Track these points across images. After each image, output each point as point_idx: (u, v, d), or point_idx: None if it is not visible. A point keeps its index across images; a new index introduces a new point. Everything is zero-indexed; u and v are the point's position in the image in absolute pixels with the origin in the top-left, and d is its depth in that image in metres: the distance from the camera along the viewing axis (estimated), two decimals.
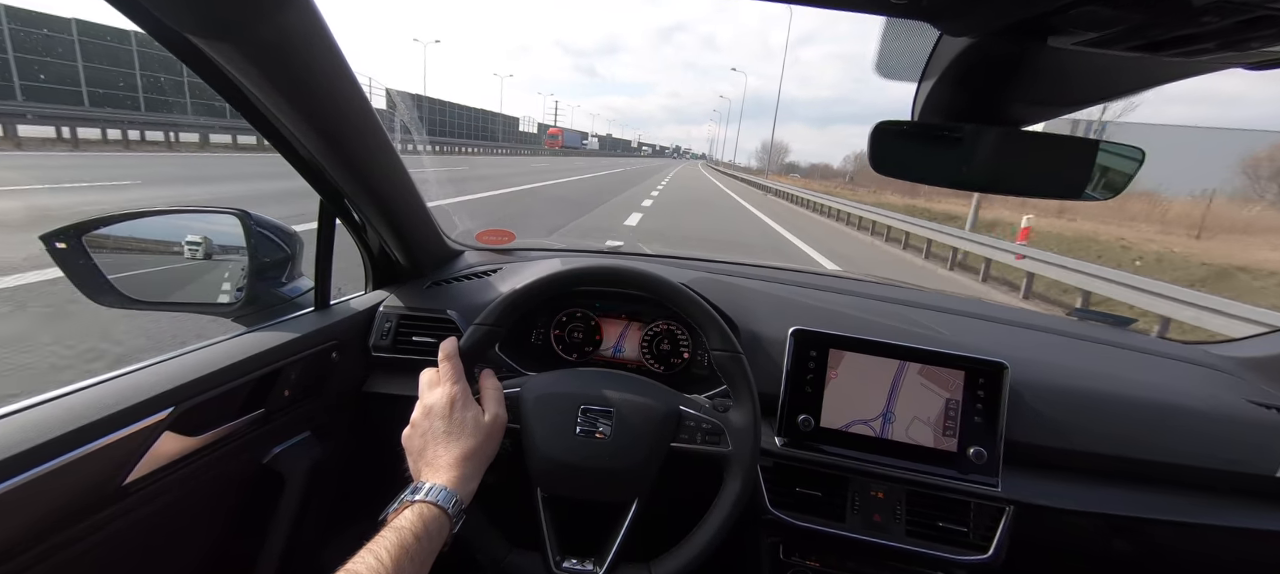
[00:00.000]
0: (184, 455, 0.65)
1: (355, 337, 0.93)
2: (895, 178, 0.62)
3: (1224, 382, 0.99)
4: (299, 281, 0.97)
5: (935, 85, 0.56)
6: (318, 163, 0.73)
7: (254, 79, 0.56)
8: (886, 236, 11.07)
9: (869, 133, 0.59)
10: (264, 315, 0.87)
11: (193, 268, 0.91)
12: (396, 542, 0.49)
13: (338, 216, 0.86)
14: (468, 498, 0.59)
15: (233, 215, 0.85)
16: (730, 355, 0.72)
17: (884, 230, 11.18)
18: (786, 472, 0.87)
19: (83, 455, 0.53)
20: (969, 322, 1.07)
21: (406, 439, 0.63)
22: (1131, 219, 16.83)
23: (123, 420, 0.57)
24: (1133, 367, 1.00)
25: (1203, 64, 0.43)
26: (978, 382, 0.84)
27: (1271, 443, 0.86)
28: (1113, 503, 0.85)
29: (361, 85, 0.66)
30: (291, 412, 0.81)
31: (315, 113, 0.64)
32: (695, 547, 0.65)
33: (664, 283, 0.75)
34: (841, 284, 1.20)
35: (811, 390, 0.87)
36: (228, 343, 0.75)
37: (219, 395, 0.68)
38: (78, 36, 13.97)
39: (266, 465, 0.79)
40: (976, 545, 0.82)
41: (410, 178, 0.87)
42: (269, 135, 0.68)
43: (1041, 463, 0.87)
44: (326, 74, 0.61)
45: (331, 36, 0.58)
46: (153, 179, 8.37)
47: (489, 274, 1.07)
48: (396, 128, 0.91)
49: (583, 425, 0.68)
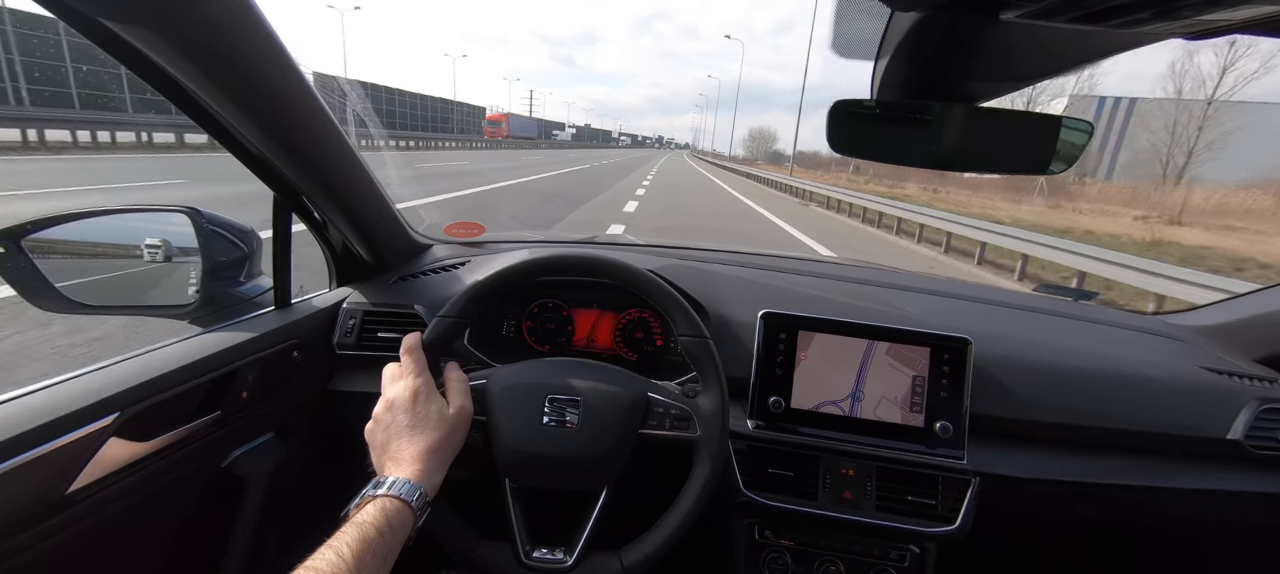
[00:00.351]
0: (134, 461, 0.63)
1: (318, 335, 0.91)
2: (855, 157, 0.63)
3: (1179, 350, 1.02)
4: (258, 281, 0.94)
5: (890, 63, 0.56)
6: (266, 158, 0.70)
7: (183, 68, 0.54)
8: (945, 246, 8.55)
9: (827, 111, 0.59)
10: (221, 316, 0.85)
11: (143, 269, 0.87)
12: (358, 537, 0.48)
13: (295, 213, 0.84)
14: (433, 491, 0.58)
15: (182, 214, 0.81)
16: (697, 341, 0.72)
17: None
18: (759, 453, 0.88)
19: (19, 465, 0.51)
20: (935, 300, 1.09)
21: (369, 433, 0.62)
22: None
23: (62, 428, 0.54)
24: (1093, 339, 1.03)
25: (1143, 34, 0.43)
26: (943, 358, 0.86)
27: (1223, 406, 0.90)
28: (1074, 471, 0.87)
29: (305, 75, 0.63)
30: (251, 413, 0.79)
31: (256, 104, 0.61)
32: (664, 532, 0.65)
33: (630, 269, 0.75)
34: (811, 267, 1.21)
35: (782, 372, 0.88)
36: (179, 345, 0.72)
37: (170, 399, 0.66)
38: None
39: (226, 469, 0.76)
40: (944, 517, 0.84)
41: (369, 171, 0.84)
42: (211, 129, 0.65)
43: (1006, 435, 0.89)
44: (263, 62, 0.58)
45: (266, 22, 0.55)
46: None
47: (457, 267, 1.05)
48: (350, 120, 0.88)
49: (550, 415, 0.68)
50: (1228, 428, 0.88)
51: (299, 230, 0.87)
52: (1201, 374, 0.94)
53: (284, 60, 0.59)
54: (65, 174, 8.65)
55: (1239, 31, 0.38)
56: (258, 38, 0.55)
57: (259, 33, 0.55)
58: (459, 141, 39.58)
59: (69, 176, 8.31)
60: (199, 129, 0.66)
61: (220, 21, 0.51)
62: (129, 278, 0.88)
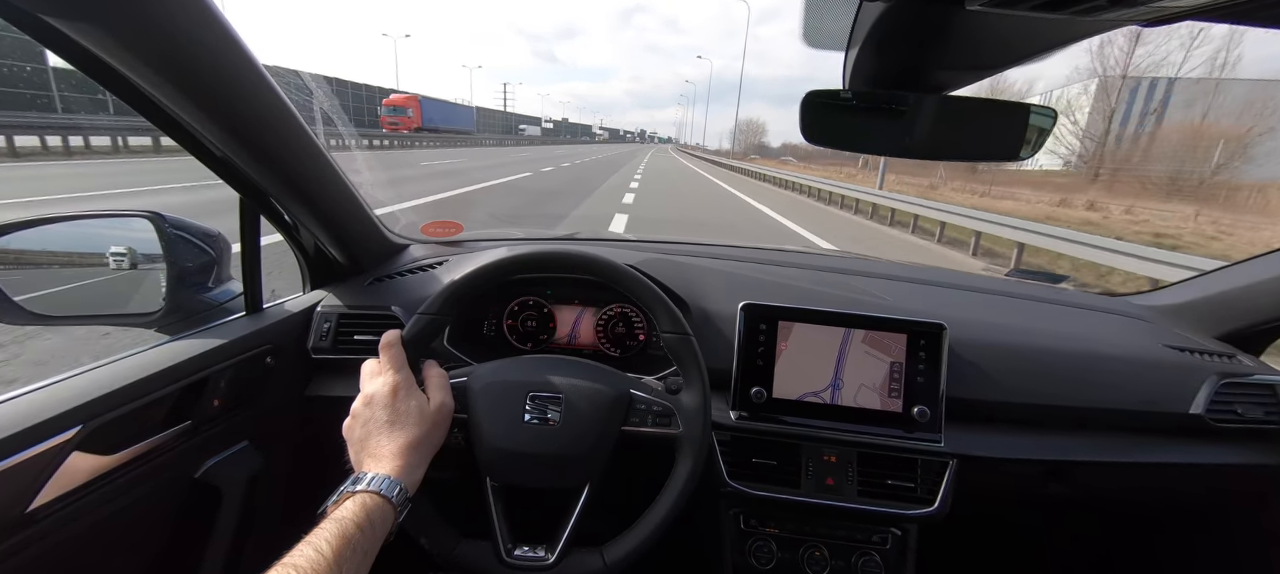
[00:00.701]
0: (100, 475, 0.61)
1: (292, 339, 0.89)
2: (828, 147, 0.63)
3: (1143, 330, 1.06)
4: (228, 285, 0.92)
5: (860, 53, 0.56)
6: (229, 159, 0.68)
7: (136, 67, 0.52)
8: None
9: (800, 102, 0.60)
10: (190, 323, 0.82)
11: (105, 277, 0.84)
12: (337, 533, 0.47)
13: (263, 215, 0.81)
14: (413, 487, 0.58)
15: (144, 218, 0.79)
16: (680, 337, 0.72)
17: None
18: (742, 444, 0.88)
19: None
20: (912, 287, 1.11)
21: (347, 430, 0.61)
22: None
23: (20, 444, 0.52)
24: (1062, 320, 1.06)
25: (1103, 22, 0.44)
26: (919, 343, 0.87)
27: (1185, 382, 0.93)
28: (1046, 449, 0.90)
29: (262, 69, 0.61)
30: (224, 422, 0.77)
31: (215, 103, 0.59)
32: (646, 529, 0.66)
33: (610, 265, 0.75)
34: (790, 258, 1.22)
35: (763, 363, 0.89)
36: (146, 354, 0.70)
37: (137, 409, 0.64)
38: None
39: (200, 480, 0.74)
40: (923, 499, 0.85)
41: (339, 170, 0.82)
42: (168, 130, 0.62)
43: (981, 417, 0.91)
44: (221, 58, 0.56)
45: (222, 16, 0.53)
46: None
47: (434, 267, 1.04)
48: (317, 118, 0.86)
49: (532, 413, 0.67)
50: (1190, 403, 0.91)
51: (273, 238, 0.85)
52: (1164, 352, 0.97)
53: (243, 56, 0.57)
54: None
55: (1192, 17, 0.39)
56: (214, 32, 0.53)
57: (215, 27, 0.53)
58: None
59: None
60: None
61: (173, 17, 0.49)
62: (91, 287, 0.86)
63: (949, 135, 0.63)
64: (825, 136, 0.62)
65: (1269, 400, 0.93)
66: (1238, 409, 0.92)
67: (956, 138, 0.63)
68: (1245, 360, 0.99)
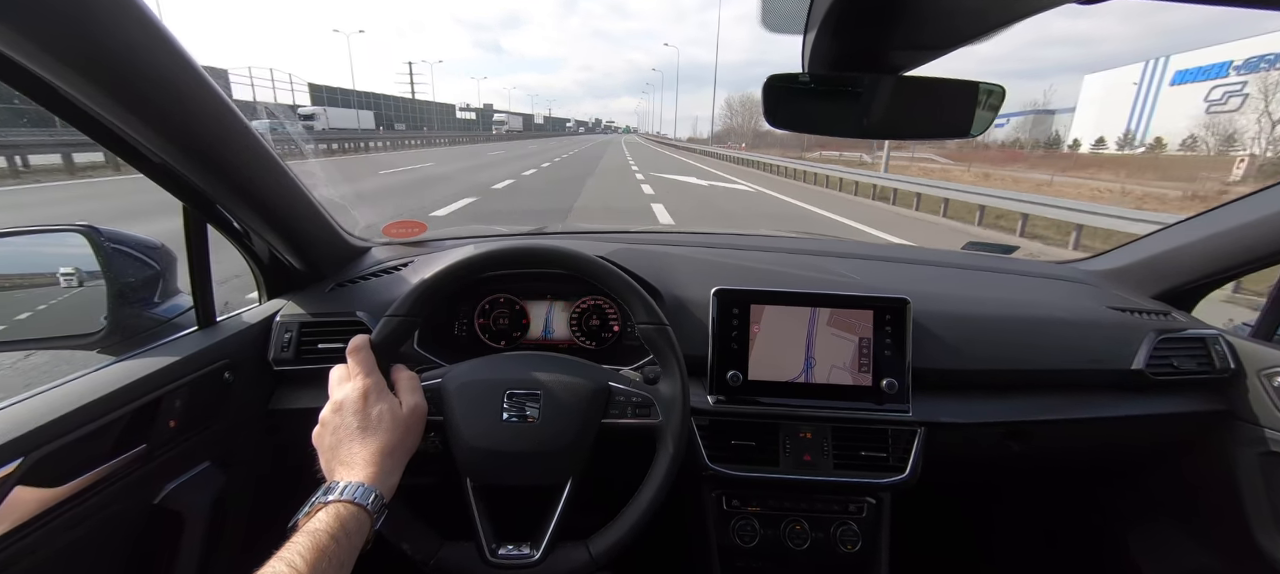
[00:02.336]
0: (47, 509, 0.57)
1: (251, 352, 0.85)
2: (790, 130, 0.64)
3: (1088, 293, 1.12)
4: (176, 300, 0.87)
5: (818, 36, 0.57)
6: (170, 166, 0.64)
7: (53, 69, 0.47)
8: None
9: (762, 87, 0.60)
10: (136, 342, 0.77)
11: (37, 297, 0.79)
12: (310, 545, 0.46)
13: (210, 223, 0.77)
14: (389, 493, 0.56)
15: (77, 233, 0.74)
16: (655, 327, 0.72)
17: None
18: (721, 427, 0.90)
19: None
20: (876, 265, 1.14)
21: (316, 438, 0.59)
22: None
23: None
24: (1015, 289, 1.11)
25: (1043, 1, 0.46)
26: (885, 319, 0.90)
27: (1127, 341, 0.99)
28: (1005, 412, 0.95)
29: (198, 67, 0.57)
30: (182, 443, 0.73)
31: (146, 105, 0.55)
32: (630, 519, 0.66)
33: (582, 258, 0.74)
34: (760, 242, 1.24)
35: (737, 346, 0.90)
36: (90, 377, 0.66)
37: (83, 437, 0.60)
38: None
39: (160, 505, 0.71)
40: (895, 468, 0.89)
41: (290, 173, 0.78)
42: (99, 137, 0.58)
43: (945, 385, 0.95)
44: (148, 56, 0.52)
45: (147, 10, 0.49)
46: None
47: (399, 269, 1.01)
48: (262, 116, 0.82)
49: (510, 411, 0.67)
50: (1131, 359, 0.97)
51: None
52: (1107, 313, 1.04)
53: (173, 53, 0.53)
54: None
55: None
56: (140, 30, 0.50)
57: (141, 24, 0.49)
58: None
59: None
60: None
61: (91, 14, 0.46)
62: (17, 307, 0.80)
63: (905, 115, 0.65)
64: (786, 120, 0.63)
65: (1201, 352, 1.00)
66: (1174, 362, 0.98)
67: (912, 117, 0.65)
68: (1179, 317, 1.07)
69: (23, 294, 0.78)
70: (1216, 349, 1.00)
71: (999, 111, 0.61)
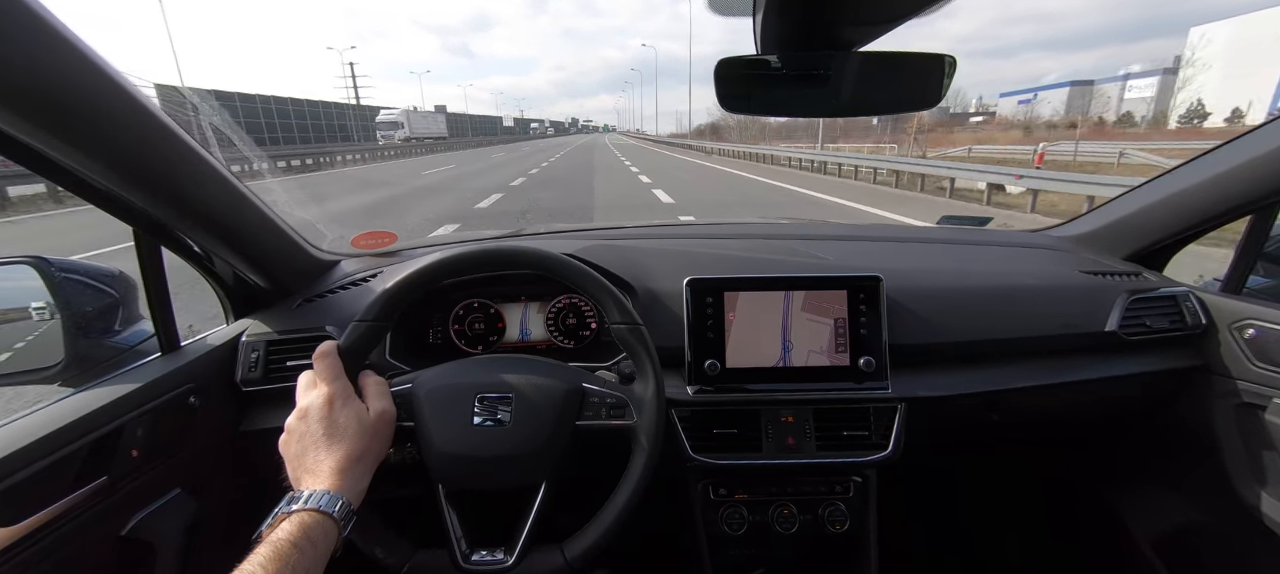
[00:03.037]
0: (5, 548, 0.55)
1: (217, 375, 0.83)
2: (743, 114, 0.64)
3: (1060, 259, 1.13)
4: (139, 326, 0.85)
5: (766, 16, 0.56)
6: (114, 192, 0.62)
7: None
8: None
9: (712, 72, 0.60)
10: (99, 373, 0.76)
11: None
12: (272, 555, 0.45)
13: (165, 246, 0.75)
14: (357, 500, 0.55)
15: (25, 264, 0.72)
16: (629, 327, 0.72)
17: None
18: (702, 417, 0.89)
19: None
20: (849, 244, 1.15)
21: (282, 446, 0.59)
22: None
23: None
24: (989, 260, 1.12)
25: None
26: (859, 297, 0.90)
27: (1099, 303, 1.00)
28: (982, 382, 0.95)
29: (131, 88, 0.55)
30: (148, 472, 0.71)
31: (79, 132, 0.53)
32: (605, 521, 0.65)
33: (552, 258, 0.73)
34: (730, 230, 1.24)
35: (713, 335, 0.90)
36: (45, 411, 0.64)
37: (39, 472, 0.58)
38: None
39: (128, 536, 0.69)
40: (878, 445, 0.89)
41: (245, 189, 0.77)
42: (37, 168, 0.56)
43: (923, 360, 0.95)
44: (74, 79, 0.50)
45: (70, 33, 0.47)
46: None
47: (369, 280, 0.99)
48: (210, 138, 0.80)
49: (480, 414, 0.66)
50: (1104, 322, 0.98)
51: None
52: (1079, 277, 1.05)
53: (101, 74, 0.51)
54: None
55: None
56: (62, 54, 0.48)
57: (62, 49, 0.47)
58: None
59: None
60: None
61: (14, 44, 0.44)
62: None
63: (860, 90, 0.64)
64: (741, 104, 0.63)
65: (1172, 310, 1.02)
66: (1146, 322, 1.00)
67: (867, 92, 0.65)
68: (1150, 276, 1.08)
69: None
70: (1187, 306, 1.02)
71: (949, 82, 0.61)
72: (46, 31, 0.46)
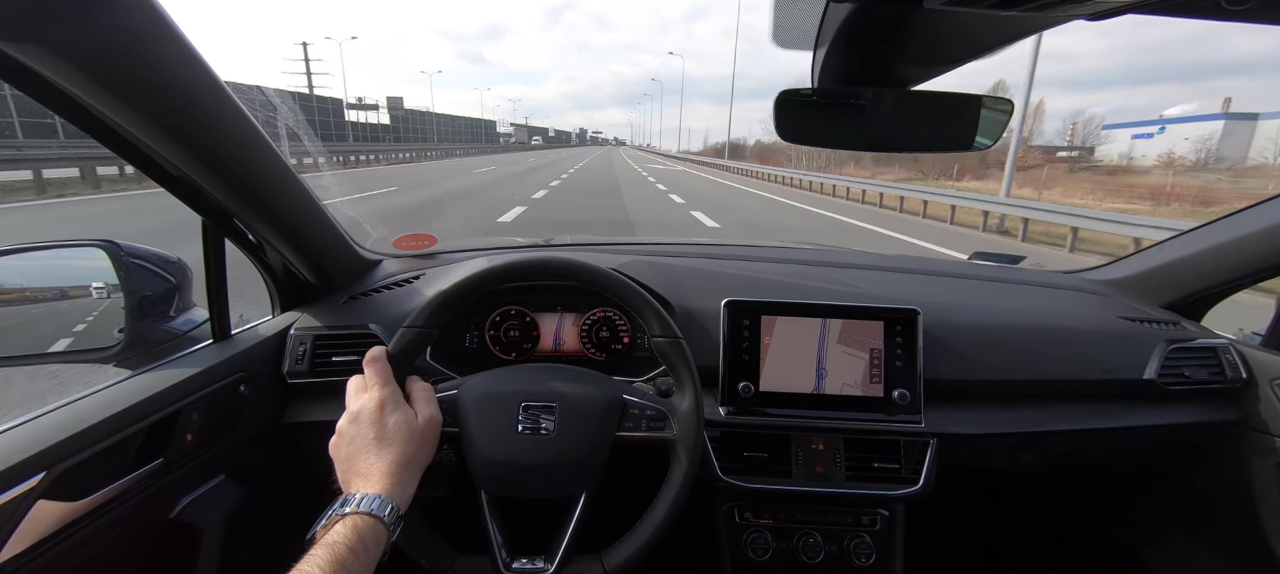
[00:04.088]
0: (68, 523, 0.57)
1: (266, 366, 0.86)
2: (801, 144, 0.65)
3: (1097, 303, 1.12)
4: (192, 313, 0.88)
5: (828, 52, 0.58)
6: (190, 180, 0.65)
7: (85, 87, 0.49)
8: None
9: (774, 101, 0.61)
10: (153, 356, 0.78)
11: (56, 311, 0.80)
12: (330, 558, 0.46)
13: (227, 237, 0.78)
14: (404, 504, 0.56)
15: (98, 247, 0.75)
16: (670, 341, 0.73)
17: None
18: (733, 438, 0.90)
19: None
20: (886, 275, 1.15)
21: (333, 448, 0.60)
22: None
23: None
24: (1024, 299, 1.12)
25: (1052, 16, 0.47)
26: (896, 329, 0.90)
27: (1137, 351, 0.99)
28: (1017, 422, 0.94)
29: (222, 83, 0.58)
30: (198, 457, 0.74)
31: (172, 122, 0.56)
32: (645, 532, 0.66)
33: (598, 271, 0.75)
34: (768, 253, 1.24)
35: (749, 358, 0.90)
36: (110, 391, 0.67)
37: (104, 450, 0.60)
38: None
39: (176, 519, 0.71)
40: (908, 479, 0.88)
41: (306, 186, 0.80)
42: (123, 152, 0.59)
43: (957, 395, 0.95)
44: (176, 73, 0.53)
45: (178, 30, 0.51)
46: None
47: (412, 281, 1.01)
48: (282, 135, 0.83)
49: (525, 422, 0.67)
50: (1142, 369, 0.97)
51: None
52: (1118, 323, 1.04)
53: (200, 70, 0.55)
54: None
55: (1132, 11, 0.42)
56: (169, 47, 0.51)
57: (172, 42, 0.51)
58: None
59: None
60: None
61: (125, 33, 0.47)
62: (34, 322, 0.81)
63: (910, 128, 0.66)
64: (798, 133, 0.64)
65: (1212, 362, 1.00)
66: (1185, 372, 0.98)
67: (916, 130, 0.66)
68: (1189, 326, 1.06)
69: (43, 308, 0.79)
70: (1228, 358, 1.00)
71: (1006, 126, 0.62)
72: (168, 33, 0.50)
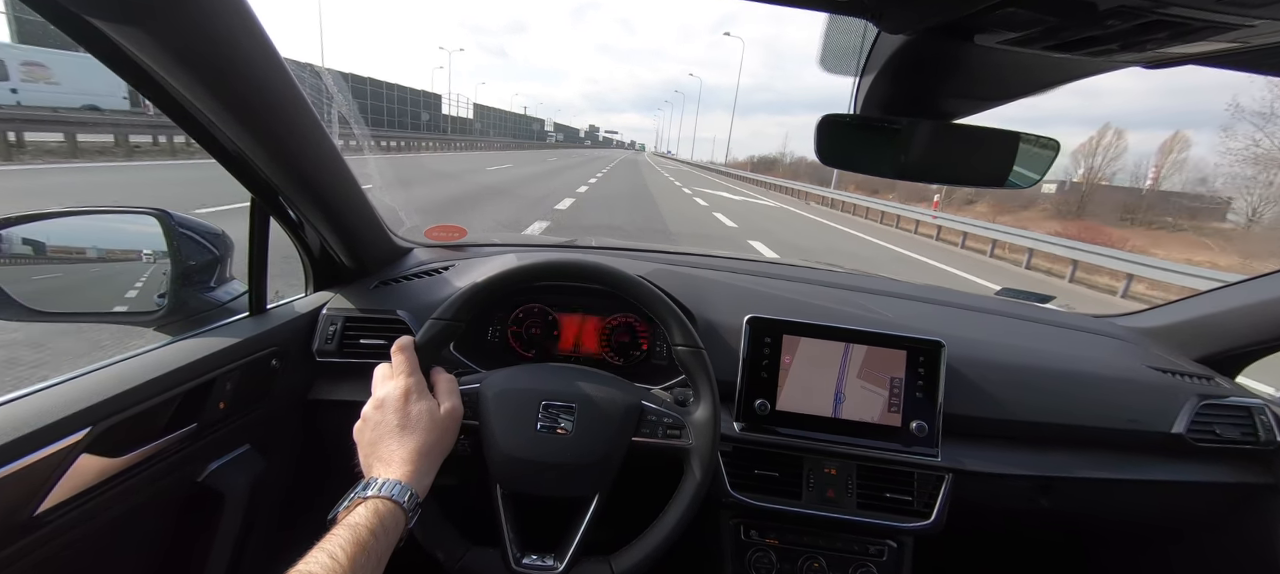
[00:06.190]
0: (106, 478, 0.60)
1: (297, 342, 0.89)
2: (840, 169, 0.65)
3: (1127, 351, 1.09)
4: (231, 285, 0.91)
5: (875, 80, 0.58)
6: (245, 156, 0.68)
7: (167, 66, 0.51)
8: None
9: (816, 124, 0.62)
10: (192, 323, 0.81)
11: (107, 273, 0.83)
12: (351, 539, 0.47)
13: (272, 214, 0.81)
14: (423, 493, 0.58)
15: (151, 215, 0.78)
16: (692, 351, 0.73)
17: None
18: (745, 455, 0.90)
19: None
20: (911, 304, 1.14)
21: (357, 432, 0.61)
22: None
23: (30, 445, 0.52)
24: (1051, 340, 1.09)
25: (1107, 62, 0.47)
26: (918, 360, 0.89)
27: (1167, 403, 0.96)
28: (1036, 465, 0.92)
29: (287, 67, 0.61)
30: (228, 425, 0.76)
31: (240, 102, 0.59)
32: (655, 539, 0.66)
33: (626, 277, 0.76)
34: (794, 272, 1.24)
35: (767, 375, 0.90)
36: (152, 354, 0.69)
37: (144, 411, 0.63)
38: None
39: (202, 484, 0.74)
40: (920, 512, 0.87)
41: (350, 171, 0.82)
42: (186, 126, 0.62)
43: (976, 432, 0.93)
44: (251, 59, 0.56)
45: (255, 16, 0.53)
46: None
47: (441, 271, 1.04)
48: (334, 119, 0.86)
49: (543, 421, 0.68)
50: (1171, 423, 0.95)
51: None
52: (1147, 373, 1.01)
53: (271, 56, 0.57)
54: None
55: (1193, 62, 0.42)
56: (250, 35, 0.54)
57: (251, 30, 0.54)
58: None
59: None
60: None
61: (211, 20, 0.50)
62: (87, 282, 0.84)
63: (949, 159, 0.65)
64: (837, 158, 0.64)
65: (1245, 422, 0.97)
66: (1216, 430, 0.95)
67: (955, 162, 0.66)
68: (1222, 383, 1.03)
69: (99, 269, 0.82)
70: (1262, 419, 0.97)
71: (1051, 165, 0.61)
72: (251, 30, 0.52)
